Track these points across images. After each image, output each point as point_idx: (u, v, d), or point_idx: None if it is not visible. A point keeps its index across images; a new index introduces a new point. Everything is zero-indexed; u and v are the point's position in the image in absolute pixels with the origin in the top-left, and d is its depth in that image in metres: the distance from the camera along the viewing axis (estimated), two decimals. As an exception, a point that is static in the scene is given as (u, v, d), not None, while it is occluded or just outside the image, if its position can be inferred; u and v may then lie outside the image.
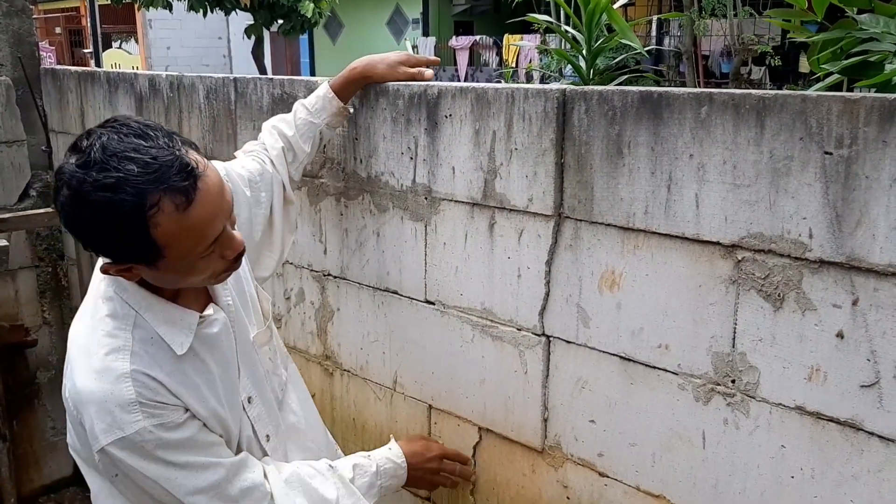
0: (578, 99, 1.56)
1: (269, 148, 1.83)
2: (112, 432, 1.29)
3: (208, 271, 1.34)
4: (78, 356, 1.36)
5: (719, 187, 1.38)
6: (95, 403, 1.30)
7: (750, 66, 11.02)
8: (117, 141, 1.20)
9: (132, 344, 1.34)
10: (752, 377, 1.40)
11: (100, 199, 1.17)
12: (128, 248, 1.24)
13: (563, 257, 1.65)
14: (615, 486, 1.65)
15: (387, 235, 2.03)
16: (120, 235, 1.21)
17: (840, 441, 1.32)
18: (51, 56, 17.71)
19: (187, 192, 1.21)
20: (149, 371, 1.33)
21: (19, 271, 3.82)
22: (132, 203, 1.18)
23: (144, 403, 1.31)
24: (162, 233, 1.21)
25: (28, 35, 3.80)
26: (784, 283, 1.34)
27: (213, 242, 1.29)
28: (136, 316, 1.36)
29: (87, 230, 1.24)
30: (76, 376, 1.34)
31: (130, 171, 1.17)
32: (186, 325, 1.39)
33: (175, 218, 1.21)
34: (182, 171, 1.21)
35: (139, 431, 1.30)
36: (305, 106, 1.88)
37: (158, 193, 1.19)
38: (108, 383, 1.30)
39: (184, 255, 1.27)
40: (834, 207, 1.26)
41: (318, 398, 2.40)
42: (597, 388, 1.65)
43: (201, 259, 1.30)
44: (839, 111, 1.24)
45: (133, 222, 1.19)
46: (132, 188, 1.17)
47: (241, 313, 1.55)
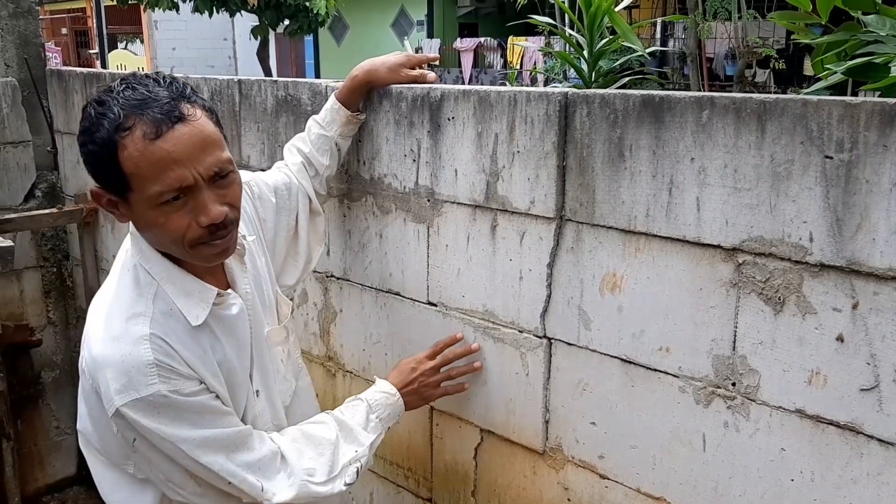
0: (580, 102, 1.57)
1: (290, 164, 1.88)
2: (128, 393, 1.31)
3: (180, 232, 1.32)
4: (98, 322, 1.38)
5: (720, 191, 1.39)
6: (112, 365, 1.32)
7: (754, 68, 11.01)
8: (139, 79, 1.31)
9: (153, 312, 1.36)
10: (752, 380, 1.41)
11: (91, 114, 1.28)
12: (102, 169, 1.29)
13: (565, 260, 1.66)
14: (616, 489, 1.66)
15: (389, 237, 2.04)
16: (96, 151, 1.28)
17: (840, 444, 1.32)
18: (57, 57, 17.76)
19: (159, 125, 1.26)
20: (167, 338, 1.36)
21: (24, 271, 3.84)
22: (111, 120, 1.26)
23: (161, 366, 1.33)
24: (126, 157, 1.26)
25: (34, 36, 3.82)
26: (784, 286, 1.34)
27: (180, 194, 1.29)
28: (157, 287, 1.39)
29: (80, 146, 1.31)
30: (94, 341, 1.36)
31: (126, 97, 1.27)
32: (203, 299, 1.42)
33: (140, 145, 1.25)
34: (167, 110, 1.27)
35: (154, 395, 1.31)
36: (317, 121, 1.91)
37: (135, 119, 1.26)
38: (126, 345, 1.32)
39: (146, 194, 1.28)
40: (834, 211, 1.26)
41: (321, 399, 2.40)
42: (598, 391, 1.65)
43: (167, 208, 1.29)
44: (840, 115, 1.24)
45: (107, 139, 1.26)
46: (118, 109, 1.26)
47: (258, 306, 1.57)
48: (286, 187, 1.80)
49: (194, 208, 1.31)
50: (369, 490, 2.32)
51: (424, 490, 2.13)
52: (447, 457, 2.04)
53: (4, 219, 3.39)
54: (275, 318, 1.65)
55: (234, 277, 1.52)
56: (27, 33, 3.78)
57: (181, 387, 1.35)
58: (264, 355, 1.58)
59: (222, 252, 1.40)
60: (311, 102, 2.18)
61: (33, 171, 3.76)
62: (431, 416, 2.05)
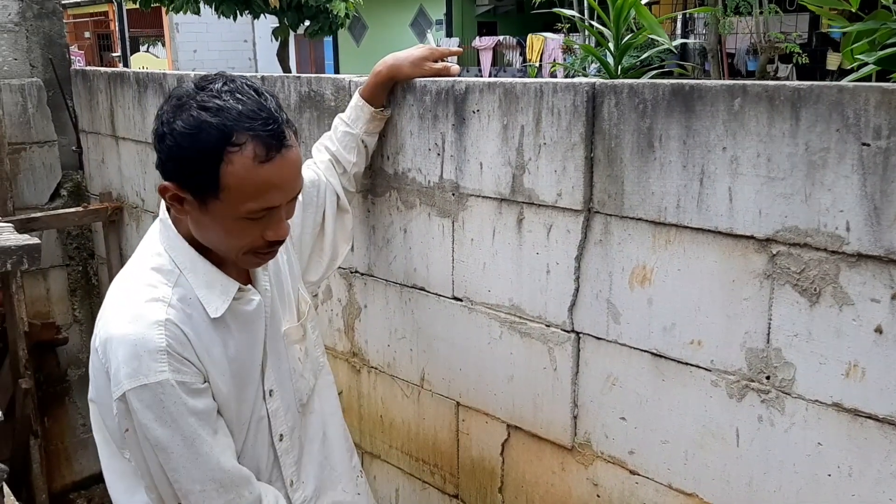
0: (608, 92, 1.55)
1: (318, 162, 1.87)
2: (136, 378, 1.29)
3: (245, 241, 1.35)
4: (115, 302, 1.38)
5: (753, 180, 1.36)
6: (125, 346, 1.31)
7: (776, 63, 10.89)
8: (238, 85, 1.30)
9: (171, 298, 1.36)
10: (787, 373, 1.38)
11: (195, 116, 1.26)
12: (194, 173, 1.28)
13: (593, 252, 1.64)
14: (647, 485, 1.63)
15: (414, 232, 2.03)
16: (194, 157, 1.26)
17: (879, 438, 1.29)
18: (80, 60, 17.94)
19: (270, 149, 1.28)
20: (182, 326, 1.34)
21: (51, 270, 3.87)
22: (220, 131, 1.25)
23: (172, 355, 1.32)
24: (230, 172, 1.26)
25: (59, 37, 3.85)
26: (820, 277, 1.31)
27: (265, 212, 1.33)
28: (179, 275, 1.39)
29: (170, 140, 1.28)
30: (110, 321, 1.36)
31: (234, 108, 1.26)
32: (225, 292, 1.41)
33: (249, 165, 1.27)
34: (275, 133, 1.29)
35: (161, 383, 1.30)
36: (343, 119, 1.91)
37: (246, 136, 1.26)
38: (141, 327, 1.31)
39: (235, 207, 1.30)
40: (872, 200, 1.24)
41: (346, 395, 2.40)
42: (627, 385, 1.63)
43: (246, 222, 1.32)
44: (877, 102, 1.21)
45: (211, 149, 1.25)
46: (227, 120, 1.25)
47: (276, 303, 1.56)
48: (313, 184, 1.80)
49: (267, 224, 1.35)
50: (395, 486, 2.31)
51: (451, 486, 2.12)
52: (474, 453, 2.02)
53: (31, 217, 3.43)
54: (293, 316, 1.63)
55: (254, 273, 1.51)
56: (52, 34, 3.81)
57: (188, 379, 1.34)
58: (280, 353, 1.56)
59: (267, 262, 1.45)
60: (334, 98, 2.17)
61: (59, 171, 3.80)
62: (457, 412, 2.04)
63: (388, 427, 2.27)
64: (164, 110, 1.31)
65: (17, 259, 2.45)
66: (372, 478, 2.39)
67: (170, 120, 1.28)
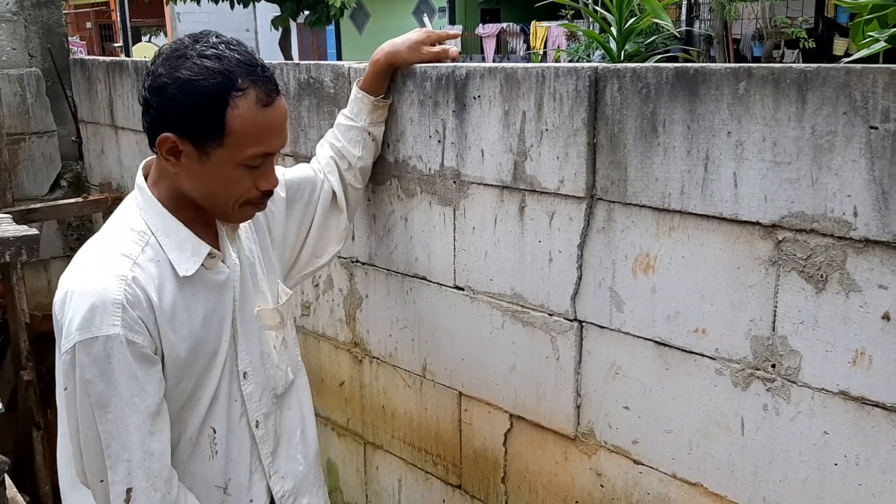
0: (611, 77, 1.52)
1: (320, 158, 1.86)
2: (88, 329, 1.28)
3: (241, 191, 1.39)
4: (80, 260, 1.38)
5: (759, 165, 1.34)
6: (82, 295, 1.30)
7: (782, 49, 10.83)
8: (228, 38, 1.36)
9: (139, 257, 1.36)
10: (793, 361, 1.36)
11: (198, 64, 1.30)
12: (199, 119, 1.31)
13: (596, 240, 1.62)
14: (650, 474, 1.62)
15: (415, 220, 2.01)
16: (200, 101, 1.30)
17: (886, 427, 1.27)
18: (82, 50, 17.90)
19: (270, 93, 1.35)
20: (145, 286, 1.34)
21: (51, 261, 3.86)
22: (225, 76, 1.30)
23: (127, 311, 1.30)
24: (236, 115, 1.31)
25: (57, 26, 3.82)
26: (827, 263, 1.29)
27: (262, 159, 1.37)
28: (151, 236, 1.39)
29: (173, 89, 1.30)
30: (72, 276, 1.35)
31: (232, 56, 1.32)
32: (196, 253, 1.41)
33: (253, 109, 1.32)
34: (272, 79, 1.37)
35: (111, 337, 1.28)
36: (345, 114, 1.89)
37: (248, 81, 1.32)
38: (101, 278, 1.31)
39: (238, 152, 1.34)
40: (880, 184, 1.21)
41: (347, 385, 2.39)
42: (631, 374, 1.61)
43: (244, 170, 1.37)
44: (885, 83, 1.19)
45: (218, 93, 1.30)
46: (230, 66, 1.31)
47: (248, 281, 1.54)
48: (306, 182, 1.77)
49: (261, 174, 1.40)
50: (397, 477, 2.30)
51: (453, 477, 2.10)
52: (476, 443, 2.01)
53: (30, 208, 3.41)
54: (268, 301, 1.60)
55: (224, 246, 1.50)
56: (50, 23, 3.78)
57: (140, 341, 1.31)
58: (252, 335, 1.54)
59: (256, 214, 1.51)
60: (333, 85, 2.15)
61: (58, 161, 3.78)
62: (460, 402, 2.02)
63: (391, 417, 2.26)
64: (158, 64, 1.33)
65: (16, 250, 2.44)
66: (374, 468, 2.38)
67: (170, 71, 1.31)
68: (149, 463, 1.34)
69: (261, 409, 1.55)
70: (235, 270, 1.50)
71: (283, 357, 1.62)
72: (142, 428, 1.33)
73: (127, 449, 1.33)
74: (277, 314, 1.61)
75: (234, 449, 1.51)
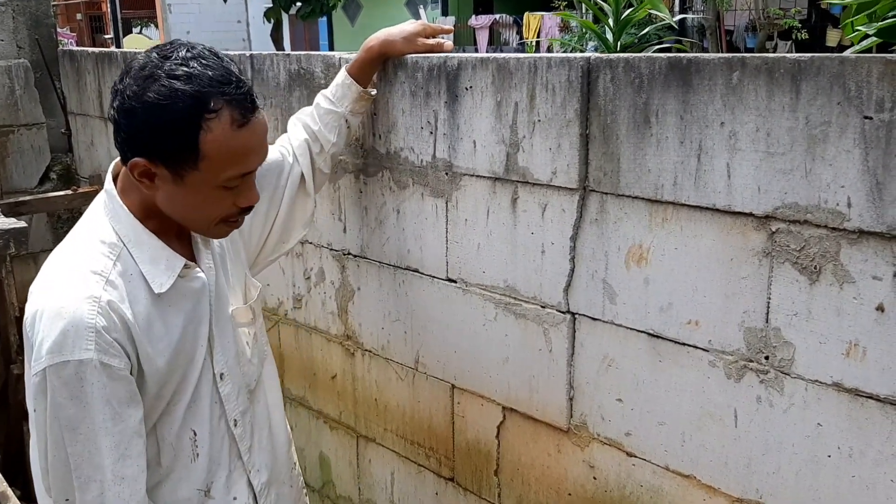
0: (604, 67, 1.51)
1: (293, 139, 1.80)
2: (60, 353, 1.23)
3: (219, 211, 1.34)
4: (51, 274, 1.32)
5: (752, 156, 1.33)
6: (52, 318, 1.24)
7: (776, 40, 10.83)
8: (200, 50, 1.28)
9: (111, 273, 1.30)
10: (786, 353, 1.35)
11: (166, 86, 1.22)
12: (171, 144, 1.25)
13: (589, 232, 1.61)
14: (643, 466, 1.61)
15: (407, 212, 1.99)
16: (171, 127, 1.23)
17: (880, 419, 1.27)
18: (72, 42, 17.79)
19: (245, 113, 1.27)
20: (119, 305, 1.28)
21: (41, 254, 3.83)
22: (196, 99, 1.23)
23: (101, 335, 1.25)
24: (210, 140, 1.25)
25: (45, 17, 3.78)
26: (821, 254, 1.28)
27: (241, 179, 1.32)
28: (122, 249, 1.33)
29: (141, 115, 1.24)
30: (43, 293, 1.29)
31: (203, 74, 1.24)
32: (170, 267, 1.36)
33: (228, 131, 1.25)
34: (248, 95, 1.29)
35: (84, 362, 1.23)
36: (326, 96, 1.84)
37: (222, 102, 1.24)
38: (74, 300, 1.25)
39: (214, 175, 1.28)
40: (874, 175, 1.20)
41: (340, 378, 2.38)
42: (624, 366, 1.61)
43: (223, 190, 1.31)
44: (880, 73, 1.18)
45: (189, 117, 1.23)
46: (201, 87, 1.23)
47: (222, 282, 1.50)
48: (270, 168, 1.69)
49: (240, 191, 1.34)
50: (390, 470, 2.29)
51: (446, 469, 2.10)
52: (469, 435, 2.00)
53: (20, 201, 3.38)
54: (239, 299, 1.57)
55: (198, 252, 1.46)
56: (38, 14, 3.75)
57: (115, 364, 1.27)
58: (227, 335, 1.50)
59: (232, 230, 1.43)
60: (324, 76, 2.13)
61: (48, 154, 3.75)
62: (453, 395, 2.01)
63: (383, 410, 2.25)
64: (126, 84, 1.26)
65: (4, 243, 2.42)
66: (367, 461, 2.37)
67: (138, 93, 1.24)
68: (119, 488, 1.30)
69: (238, 408, 1.52)
70: (211, 275, 1.46)
71: (255, 351, 1.59)
72: (114, 451, 1.28)
73: (99, 470, 1.28)
74: (250, 311, 1.58)
75: (215, 450, 1.48)
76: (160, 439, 1.41)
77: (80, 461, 1.28)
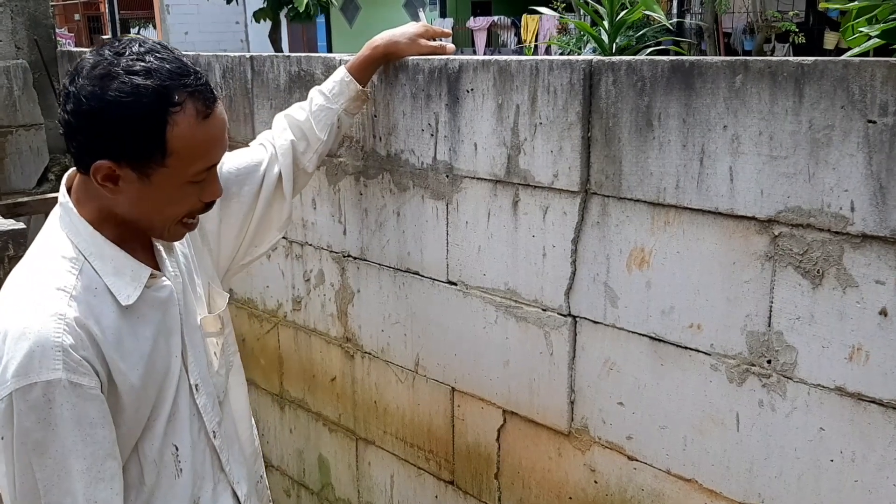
0: (606, 70, 1.51)
1: (276, 137, 1.75)
2: (26, 376, 1.17)
3: (184, 207, 1.31)
4: (13, 294, 1.26)
5: (755, 159, 1.33)
6: (16, 339, 1.19)
7: (773, 43, 10.84)
8: (151, 44, 1.24)
9: (74, 288, 1.25)
10: (789, 357, 1.35)
11: (127, 83, 1.18)
12: (137, 142, 1.21)
13: (590, 235, 1.60)
14: (645, 470, 1.61)
15: (407, 215, 1.99)
16: (137, 125, 1.20)
17: (883, 423, 1.26)
18: (70, 42, 17.79)
19: (208, 104, 1.25)
20: (86, 321, 1.23)
21: (39, 256, 3.82)
22: (159, 93, 1.19)
23: (69, 353, 1.19)
24: (177, 134, 1.22)
25: (44, 17, 3.78)
26: (824, 258, 1.28)
27: (207, 172, 1.30)
28: (84, 262, 1.27)
29: (103, 115, 1.19)
30: (7, 307, 1.24)
31: (162, 67, 1.21)
32: (136, 278, 1.31)
33: (193, 124, 1.23)
34: (207, 86, 1.26)
35: (52, 382, 1.18)
36: (322, 91, 1.80)
37: (185, 94, 1.22)
38: (38, 320, 1.20)
39: (182, 170, 1.25)
40: (878, 179, 1.20)
41: (339, 381, 2.37)
42: (625, 370, 1.60)
43: (190, 185, 1.29)
44: (884, 77, 1.18)
45: (155, 113, 1.20)
46: (162, 80, 1.20)
47: (188, 290, 1.46)
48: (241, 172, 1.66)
49: (205, 185, 1.32)
50: (389, 473, 2.29)
51: (446, 472, 2.09)
52: (469, 438, 2.00)
53: (18, 202, 3.37)
54: (204, 308, 1.52)
55: (161, 260, 1.41)
56: (37, 14, 3.74)
57: (85, 382, 1.21)
58: (197, 346, 1.45)
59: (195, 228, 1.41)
60: (324, 77, 2.12)
61: (46, 155, 3.74)
62: (453, 398, 2.01)
63: (383, 413, 2.24)
64: (80, 85, 1.20)
65: (3, 244, 2.41)
66: (366, 464, 2.36)
67: (96, 93, 1.18)
68: None
69: (215, 419, 1.48)
70: (178, 282, 1.41)
71: (222, 362, 1.55)
72: (85, 475, 1.22)
73: (69, 496, 1.22)
74: (219, 320, 1.54)
75: (198, 463, 1.44)
76: (142, 457, 1.36)
77: (49, 486, 1.21)
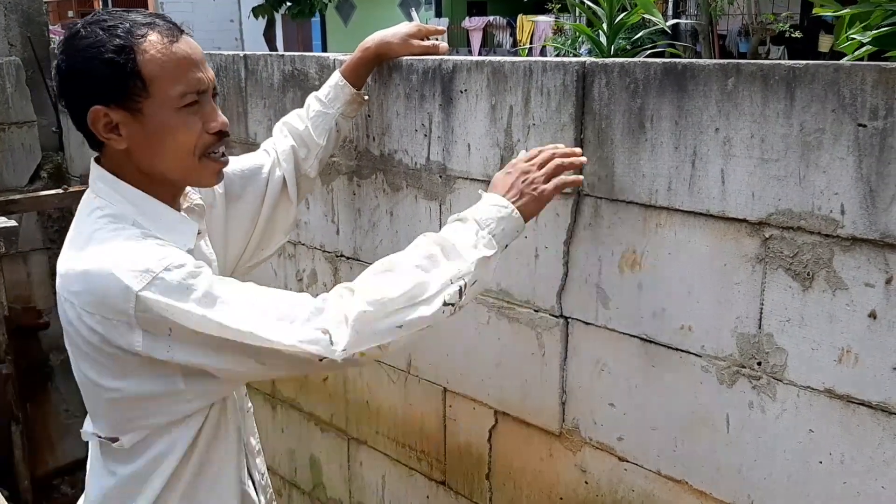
0: (599, 71, 1.51)
1: (277, 144, 1.77)
2: (143, 277, 1.18)
3: (192, 137, 1.31)
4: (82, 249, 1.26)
5: (746, 162, 1.33)
6: (118, 264, 1.20)
7: (768, 45, 10.87)
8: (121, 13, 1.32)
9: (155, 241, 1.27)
10: (779, 359, 1.36)
11: (94, 31, 1.27)
12: (115, 80, 1.25)
13: (582, 236, 1.60)
14: (635, 471, 1.61)
15: (400, 215, 1.99)
16: (109, 63, 1.25)
17: (872, 425, 1.27)
18: (63, 39, 17.64)
19: (173, 31, 1.31)
20: None
21: (31, 253, 3.81)
22: (124, 31, 1.26)
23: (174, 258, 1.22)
24: (148, 59, 1.26)
25: (37, 14, 3.76)
26: (814, 261, 1.29)
27: (197, 97, 1.30)
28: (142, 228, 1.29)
29: (78, 66, 1.26)
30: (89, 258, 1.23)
31: (125, 16, 1.30)
32: (185, 233, 1.35)
33: (161, 46, 1.28)
34: (171, 22, 1.33)
35: (168, 268, 1.20)
36: (318, 97, 1.81)
37: (147, 28, 1.28)
38: (132, 243, 1.23)
39: (166, 94, 1.27)
40: (867, 182, 1.21)
41: (331, 381, 2.37)
42: (617, 371, 1.60)
43: (185, 113, 1.29)
44: (874, 81, 1.18)
45: (123, 48, 1.25)
46: (124, 22, 1.28)
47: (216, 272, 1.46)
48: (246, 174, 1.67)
49: (204, 116, 1.32)
50: (381, 473, 2.29)
51: (437, 473, 2.09)
52: (461, 439, 2.00)
53: (10, 200, 3.36)
54: None
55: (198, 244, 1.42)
56: (30, 11, 3.72)
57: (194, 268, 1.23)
58: None
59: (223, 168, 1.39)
60: (318, 77, 2.12)
61: (38, 152, 3.72)
62: (445, 398, 2.01)
63: (375, 413, 2.24)
64: (59, 59, 1.30)
65: (-6, 242, 2.40)
66: (358, 464, 2.36)
67: (68, 52, 1.28)
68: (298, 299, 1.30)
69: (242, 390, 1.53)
70: (213, 266, 1.46)
71: None
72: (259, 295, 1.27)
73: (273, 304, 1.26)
74: None
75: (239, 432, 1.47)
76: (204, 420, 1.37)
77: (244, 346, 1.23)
